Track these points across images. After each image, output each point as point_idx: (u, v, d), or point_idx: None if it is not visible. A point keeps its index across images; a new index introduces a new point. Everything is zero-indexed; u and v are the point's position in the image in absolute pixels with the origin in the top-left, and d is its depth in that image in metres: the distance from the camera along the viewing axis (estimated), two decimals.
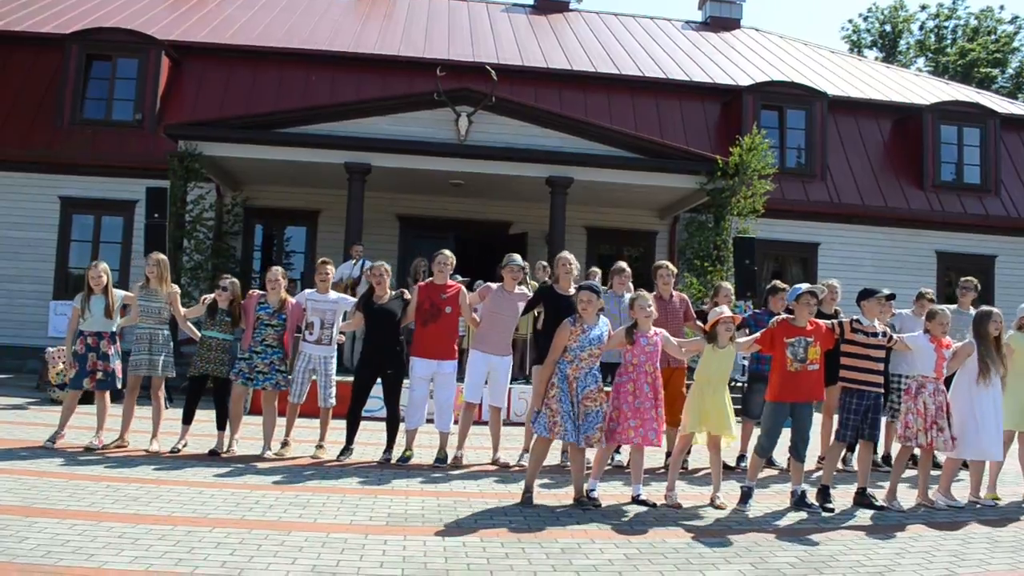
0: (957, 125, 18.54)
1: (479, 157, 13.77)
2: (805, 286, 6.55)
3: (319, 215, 16.33)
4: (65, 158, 15.76)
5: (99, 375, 7.67)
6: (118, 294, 7.86)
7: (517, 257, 7.89)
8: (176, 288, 8.11)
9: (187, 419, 7.76)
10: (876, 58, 40.48)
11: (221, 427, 7.74)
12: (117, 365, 7.78)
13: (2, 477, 6.22)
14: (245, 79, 17.13)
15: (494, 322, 7.74)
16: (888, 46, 41.48)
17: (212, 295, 7.97)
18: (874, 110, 19.07)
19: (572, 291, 7.55)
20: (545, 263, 11.64)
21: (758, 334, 6.69)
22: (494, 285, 7.95)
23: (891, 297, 6.82)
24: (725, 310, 6.65)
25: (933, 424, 6.48)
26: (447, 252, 7.84)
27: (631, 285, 9.74)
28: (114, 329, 7.83)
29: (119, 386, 7.84)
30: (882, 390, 6.64)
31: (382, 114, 13.67)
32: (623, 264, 8.27)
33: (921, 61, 40.75)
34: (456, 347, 7.92)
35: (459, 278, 12.02)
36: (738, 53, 21.57)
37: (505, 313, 7.73)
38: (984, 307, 7.06)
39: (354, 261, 12.28)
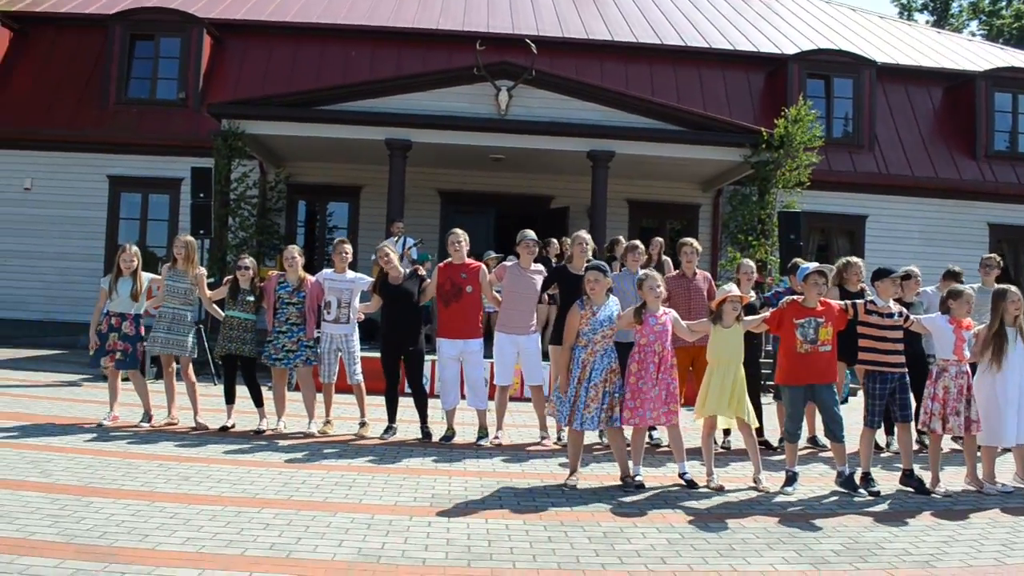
0: (1012, 92, 18.01)
1: (520, 132, 13.70)
2: (813, 265, 6.43)
3: (361, 191, 16.41)
4: (112, 137, 16.03)
5: (118, 355, 7.83)
6: (145, 277, 8.00)
7: (530, 232, 7.85)
8: (202, 270, 8.24)
9: (229, 399, 7.92)
10: (927, 22, 39.32)
11: (258, 404, 7.89)
12: (139, 346, 7.94)
13: (60, 455, 6.41)
14: (286, 55, 17.22)
15: (514, 301, 7.72)
16: (940, 9, 40.24)
17: (232, 276, 8.08)
18: (924, 78, 18.57)
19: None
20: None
21: (766, 314, 6.59)
22: (510, 263, 7.94)
23: (906, 277, 6.65)
24: (732, 288, 6.54)
25: (953, 409, 6.36)
26: (459, 231, 7.82)
27: (669, 262, 9.66)
28: (140, 311, 7.98)
29: (138, 367, 8.01)
30: (905, 370, 6.46)
31: (422, 90, 13.64)
32: (636, 241, 8.19)
33: (974, 24, 39.55)
34: (481, 325, 7.92)
35: (492, 254, 12.08)
36: (783, 20, 21.12)
37: (524, 291, 7.70)
38: (1001, 285, 6.82)
39: (395, 238, 12.32)
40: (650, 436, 7.69)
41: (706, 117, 14.52)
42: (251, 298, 7.86)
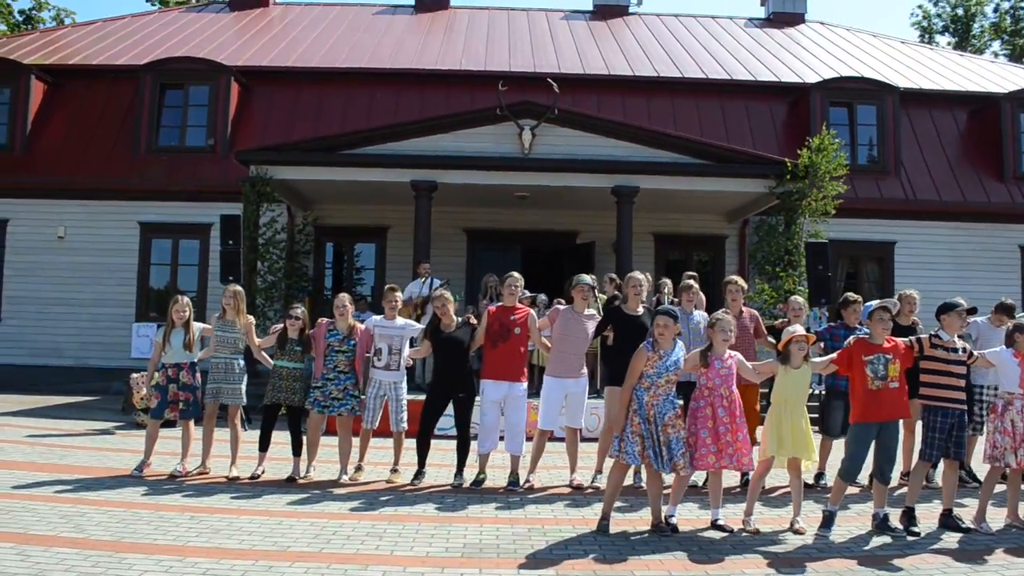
0: None
1: (543, 170, 13.77)
2: (876, 302, 6.38)
3: (387, 231, 16.54)
4: (143, 185, 16.36)
5: (181, 405, 7.92)
6: (197, 327, 8.11)
7: (585, 276, 7.88)
8: (251, 319, 8.32)
9: (263, 446, 7.95)
10: (949, 43, 39.12)
11: (296, 453, 7.90)
12: (198, 394, 8.03)
13: (93, 509, 6.45)
14: (312, 100, 17.48)
15: (566, 345, 7.72)
16: (961, 31, 40.01)
17: (281, 325, 8.15)
18: (948, 101, 18.45)
19: (641, 311, 7.55)
20: (614, 275, 11.57)
21: (834, 355, 6.52)
22: (563, 307, 7.94)
23: (972, 311, 6.59)
24: (798, 328, 6.51)
25: (1022, 443, 6.24)
26: (516, 275, 7.88)
27: (703, 297, 9.62)
28: (195, 359, 8.07)
29: (199, 415, 8.09)
30: (965, 407, 6.42)
31: (445, 131, 13.78)
32: (691, 281, 8.16)
33: (997, 44, 39.26)
34: (526, 368, 7.92)
35: (527, 293, 12.09)
36: (804, 49, 21.13)
37: (576, 336, 7.72)
38: None
39: (422, 280, 12.40)
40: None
41: (729, 149, 14.51)
42: (299, 348, 7.93)
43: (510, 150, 13.73)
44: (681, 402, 6.20)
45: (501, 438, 7.97)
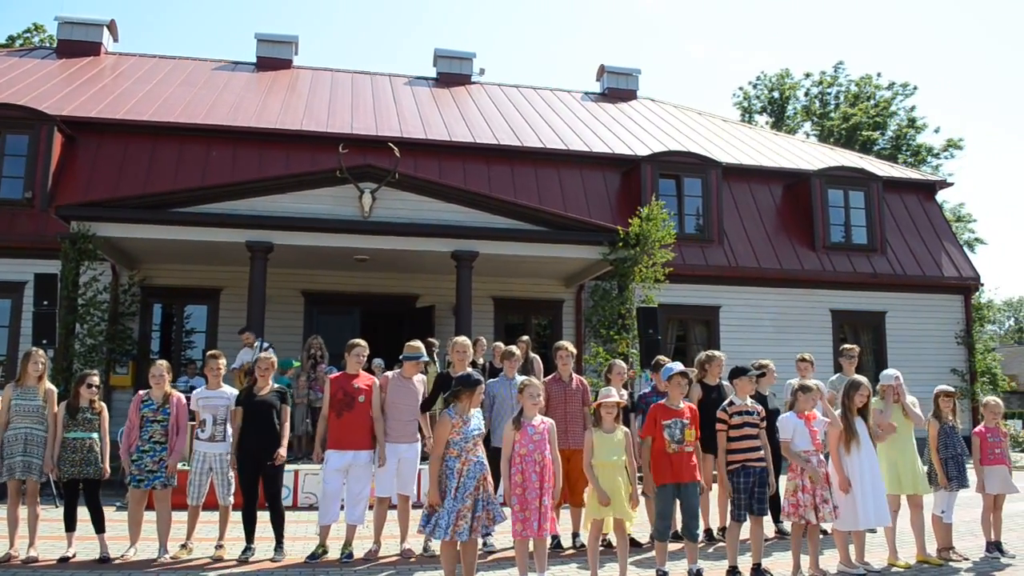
0: (843, 189, 19.55)
1: (383, 233, 13.74)
2: (677, 367, 6.68)
3: (221, 292, 15.96)
4: None
5: None
6: None
7: (420, 347, 7.90)
8: (53, 388, 7.74)
9: (70, 526, 7.38)
10: (766, 123, 42.38)
11: (100, 530, 7.37)
12: None
13: None
14: (143, 155, 16.78)
15: (395, 411, 7.72)
16: (777, 111, 43.52)
17: (73, 393, 7.62)
18: (766, 176, 19.95)
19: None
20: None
21: (639, 430, 6.79)
22: (391, 374, 7.94)
23: (761, 375, 7.06)
24: (612, 393, 6.68)
25: (821, 497, 6.64)
26: (363, 343, 7.84)
27: (541, 364, 9.78)
28: None
29: None
30: (765, 463, 6.77)
31: (283, 192, 13.51)
32: (513, 348, 8.31)
33: (808, 125, 42.85)
34: (371, 436, 7.77)
35: (379, 362, 11.85)
36: (635, 124, 22.31)
37: (405, 402, 7.74)
38: (855, 377, 7.32)
39: (252, 347, 12.01)
40: (484, 543, 7.57)
41: (565, 217, 14.99)
42: (93, 416, 7.44)
43: (350, 213, 13.64)
44: (486, 473, 6.16)
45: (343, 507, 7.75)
